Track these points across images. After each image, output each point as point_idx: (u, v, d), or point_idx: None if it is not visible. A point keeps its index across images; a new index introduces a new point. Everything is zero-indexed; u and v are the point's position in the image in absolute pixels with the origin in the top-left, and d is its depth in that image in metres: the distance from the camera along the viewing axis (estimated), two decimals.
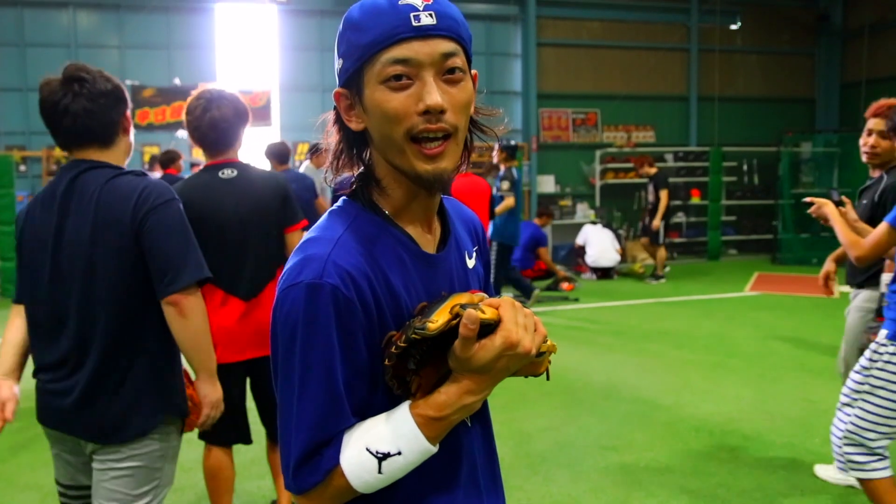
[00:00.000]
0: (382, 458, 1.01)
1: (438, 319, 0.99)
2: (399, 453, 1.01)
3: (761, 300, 9.25)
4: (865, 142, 3.39)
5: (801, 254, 12.94)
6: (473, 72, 1.12)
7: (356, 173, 1.17)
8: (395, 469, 1.02)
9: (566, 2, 13.87)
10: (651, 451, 4.14)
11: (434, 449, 1.04)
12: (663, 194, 10.38)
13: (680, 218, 14.22)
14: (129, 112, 2.20)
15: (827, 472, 3.77)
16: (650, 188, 10.66)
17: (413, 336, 0.99)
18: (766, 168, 14.50)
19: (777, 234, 13.45)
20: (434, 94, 1.02)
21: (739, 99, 15.02)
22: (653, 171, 10.61)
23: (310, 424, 1.02)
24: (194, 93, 2.94)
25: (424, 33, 1.02)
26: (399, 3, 1.03)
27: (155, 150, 11.81)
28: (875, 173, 3.47)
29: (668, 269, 11.20)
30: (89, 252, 2.02)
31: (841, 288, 6.11)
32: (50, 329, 2.10)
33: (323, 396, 1.02)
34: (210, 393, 2.25)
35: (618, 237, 11.67)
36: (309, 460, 1.03)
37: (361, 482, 1.02)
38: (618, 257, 11.24)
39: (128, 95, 2.20)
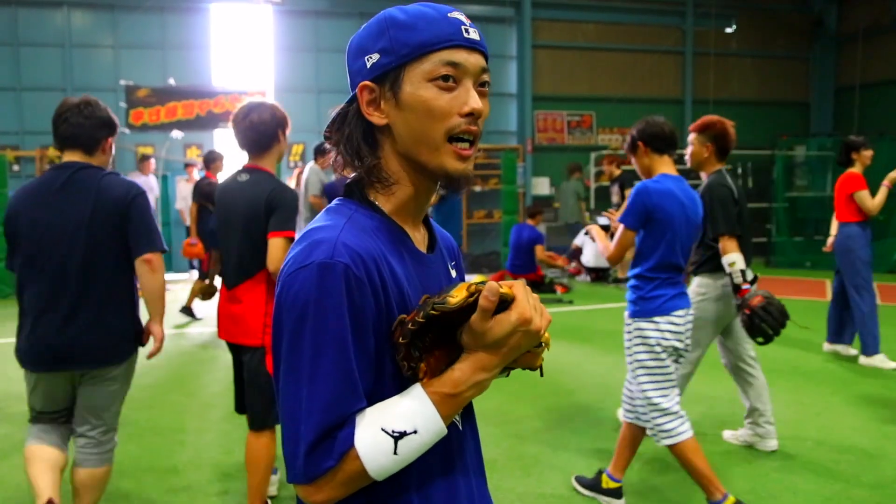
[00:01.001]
0: (399, 437, 1.01)
1: (457, 295, 1.01)
2: (415, 432, 1.02)
3: None
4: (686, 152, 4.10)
5: (794, 257, 12.98)
6: None
7: (356, 171, 1.18)
8: (411, 450, 1.02)
9: (562, 4, 13.90)
10: (644, 453, 4.14)
11: (445, 430, 1.05)
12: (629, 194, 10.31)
13: None
14: (112, 140, 2.98)
15: (735, 436, 4.34)
16: (615, 189, 10.57)
17: (432, 312, 1.00)
18: (760, 171, 14.55)
19: (771, 238, 13.49)
20: (478, 100, 1.11)
21: (734, 102, 15.06)
22: (618, 172, 10.61)
23: (323, 405, 1.00)
24: (240, 105, 3.27)
25: (472, 45, 1.12)
26: (449, 15, 1.12)
27: (149, 150, 11.78)
28: (703, 177, 4.10)
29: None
30: (90, 224, 2.78)
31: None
32: (54, 287, 2.78)
33: (337, 375, 1.01)
34: (160, 332, 2.99)
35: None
36: (321, 443, 1.00)
37: (376, 465, 1.01)
38: None
39: (118, 129, 2.99)
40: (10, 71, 11.60)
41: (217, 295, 3.49)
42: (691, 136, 4.04)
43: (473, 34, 1.12)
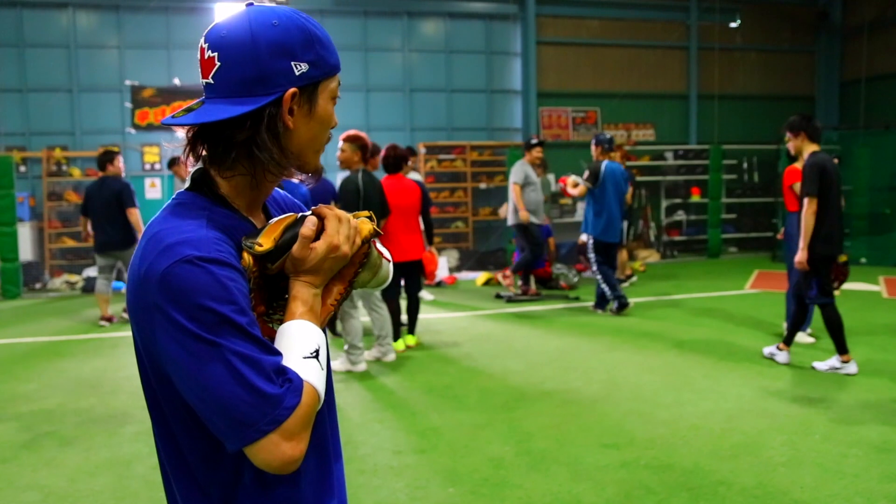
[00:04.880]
0: (315, 355, 1.15)
1: (265, 243, 1.16)
2: (319, 347, 1.17)
3: (761, 298, 9.25)
4: None
5: None
6: None
7: (196, 170, 1.24)
8: (323, 360, 1.18)
9: (565, 0, 13.87)
10: (651, 449, 4.15)
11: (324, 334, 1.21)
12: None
13: (680, 216, 14.21)
14: (117, 160, 8.14)
15: (371, 354, 6.01)
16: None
17: (250, 247, 1.15)
18: (765, 166, 14.50)
19: (777, 232, 13.46)
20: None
21: (739, 97, 15.01)
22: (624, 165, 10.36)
23: (262, 356, 1.08)
24: None
25: None
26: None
27: (155, 150, 11.83)
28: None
29: (635, 278, 10.82)
30: (112, 201, 7.86)
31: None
32: (103, 224, 7.90)
33: (256, 336, 1.10)
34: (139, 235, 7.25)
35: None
36: (279, 381, 1.08)
37: (321, 385, 1.15)
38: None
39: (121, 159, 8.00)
40: (15, 72, 11.63)
41: None
42: (344, 144, 5.98)
43: None
